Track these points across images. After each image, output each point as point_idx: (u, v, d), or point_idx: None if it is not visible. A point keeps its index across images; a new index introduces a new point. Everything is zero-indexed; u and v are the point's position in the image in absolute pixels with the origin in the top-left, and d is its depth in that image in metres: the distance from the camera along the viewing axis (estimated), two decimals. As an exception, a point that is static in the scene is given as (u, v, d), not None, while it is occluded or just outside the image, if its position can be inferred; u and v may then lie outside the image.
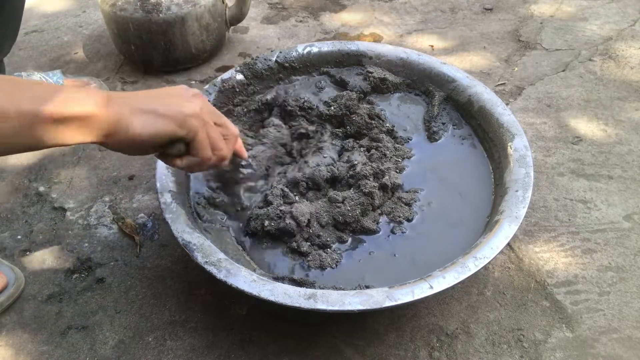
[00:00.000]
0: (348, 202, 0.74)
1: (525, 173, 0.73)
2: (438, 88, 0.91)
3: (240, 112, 0.91)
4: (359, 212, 0.73)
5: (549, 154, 0.96)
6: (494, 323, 0.72)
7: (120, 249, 0.84)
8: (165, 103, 0.52)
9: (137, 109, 0.50)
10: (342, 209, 0.74)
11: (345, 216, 0.73)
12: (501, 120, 0.81)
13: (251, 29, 1.33)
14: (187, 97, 0.55)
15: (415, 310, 0.74)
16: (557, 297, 0.75)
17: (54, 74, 1.06)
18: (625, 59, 1.15)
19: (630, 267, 0.78)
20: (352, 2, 1.41)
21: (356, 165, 0.78)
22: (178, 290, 0.78)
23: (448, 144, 0.86)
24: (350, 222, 0.73)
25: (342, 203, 0.74)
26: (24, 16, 0.97)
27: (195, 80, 1.17)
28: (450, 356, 0.69)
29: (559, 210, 0.86)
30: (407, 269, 0.70)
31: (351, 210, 0.73)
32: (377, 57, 0.95)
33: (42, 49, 1.28)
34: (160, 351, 0.71)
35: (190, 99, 0.55)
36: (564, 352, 0.69)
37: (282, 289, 0.61)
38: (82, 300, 0.77)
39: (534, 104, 1.06)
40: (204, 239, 0.67)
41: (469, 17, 1.32)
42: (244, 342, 0.71)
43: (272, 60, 0.93)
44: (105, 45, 1.28)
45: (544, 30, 1.26)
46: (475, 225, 0.73)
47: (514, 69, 1.15)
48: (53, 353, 0.71)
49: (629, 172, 0.92)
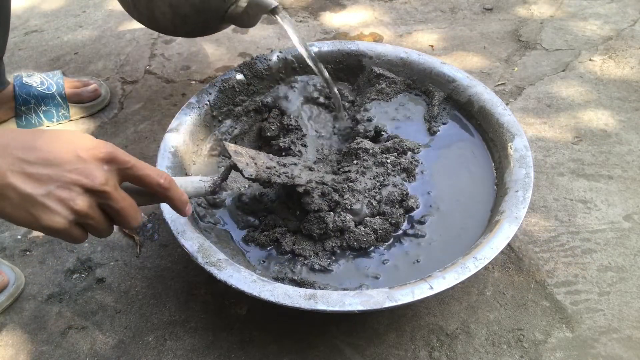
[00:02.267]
0: (364, 228, 0.73)
1: (525, 173, 0.73)
2: (438, 88, 0.91)
3: (241, 112, 0.91)
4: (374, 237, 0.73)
5: (549, 154, 0.96)
6: (494, 323, 0.72)
7: (120, 249, 0.84)
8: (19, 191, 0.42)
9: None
10: (357, 233, 0.73)
11: (360, 242, 0.72)
12: (501, 120, 0.81)
13: (251, 29, 1.33)
14: (61, 179, 0.43)
15: (415, 310, 0.74)
16: (557, 297, 0.75)
17: (54, 74, 1.06)
18: (625, 59, 1.15)
19: (630, 267, 0.78)
20: (352, 2, 1.41)
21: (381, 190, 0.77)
22: (178, 290, 0.78)
23: (448, 144, 0.86)
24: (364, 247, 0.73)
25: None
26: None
27: (195, 80, 1.17)
28: (450, 356, 0.69)
29: (559, 210, 0.86)
30: (410, 271, 0.70)
31: (365, 236, 0.73)
32: (377, 57, 0.95)
33: (42, 49, 1.28)
34: (160, 351, 0.71)
35: (58, 192, 0.43)
36: (564, 352, 0.69)
37: (282, 289, 0.61)
38: (82, 300, 0.77)
39: (534, 104, 1.06)
40: (204, 239, 0.67)
41: (469, 17, 1.32)
42: (244, 342, 0.71)
43: (272, 60, 0.93)
44: (105, 45, 1.28)
45: (544, 30, 1.26)
46: (476, 227, 0.73)
47: (514, 69, 1.15)
48: (53, 353, 0.71)
49: (629, 172, 0.92)
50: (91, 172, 0.44)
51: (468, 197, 0.78)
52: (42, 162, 0.43)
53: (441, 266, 0.65)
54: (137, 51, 1.26)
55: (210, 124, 0.88)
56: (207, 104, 0.87)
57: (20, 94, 1.01)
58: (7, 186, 0.42)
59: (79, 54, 1.26)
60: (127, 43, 1.29)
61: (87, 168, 0.44)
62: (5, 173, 0.42)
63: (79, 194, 0.44)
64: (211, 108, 0.88)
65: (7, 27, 0.92)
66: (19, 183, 0.42)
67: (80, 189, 0.44)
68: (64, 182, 0.43)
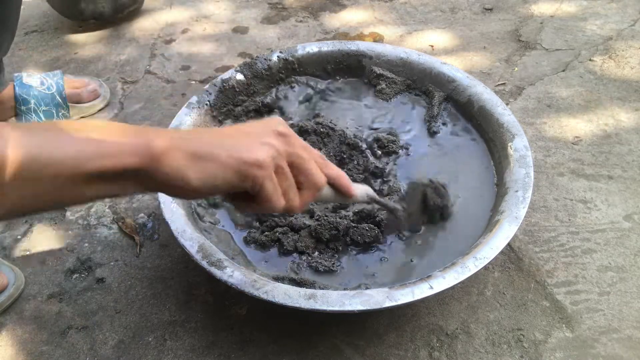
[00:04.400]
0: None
1: (525, 173, 0.73)
2: (438, 88, 0.91)
3: (241, 112, 0.91)
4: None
5: (549, 154, 0.95)
6: (494, 323, 0.72)
7: (120, 249, 0.84)
8: (229, 147, 0.44)
9: (192, 155, 0.42)
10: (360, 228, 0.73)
11: (365, 236, 0.73)
12: (501, 120, 0.81)
13: (251, 29, 1.33)
14: (264, 135, 0.47)
15: (415, 310, 0.74)
16: (557, 297, 0.75)
17: (54, 74, 1.06)
18: (625, 59, 1.15)
19: (630, 267, 0.78)
20: (352, 2, 1.41)
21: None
22: (178, 290, 0.78)
23: (448, 144, 0.86)
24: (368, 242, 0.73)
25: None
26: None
27: (195, 80, 1.17)
28: (450, 356, 0.69)
29: (559, 210, 0.86)
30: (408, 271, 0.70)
31: (370, 231, 0.73)
32: (377, 57, 0.95)
33: (42, 49, 1.28)
34: (160, 351, 0.71)
35: (266, 139, 0.46)
36: (564, 352, 0.69)
37: (282, 289, 0.61)
38: (82, 300, 0.77)
39: (534, 104, 1.06)
40: (204, 239, 0.67)
41: (469, 17, 1.32)
42: (244, 342, 0.71)
43: (272, 60, 0.93)
44: (105, 45, 1.28)
45: (544, 30, 1.26)
46: (476, 227, 0.73)
47: (514, 69, 1.15)
48: (53, 353, 0.71)
49: (629, 172, 0.92)
50: (286, 136, 0.49)
51: (468, 197, 0.78)
52: (246, 129, 0.48)
53: (440, 266, 0.65)
54: (137, 51, 1.26)
55: (210, 124, 0.88)
56: (207, 104, 0.87)
57: (20, 94, 1.01)
58: (211, 142, 0.44)
59: (79, 54, 1.26)
60: (127, 43, 1.29)
61: (281, 135, 0.48)
62: (205, 140, 0.44)
63: (280, 142, 0.48)
64: (211, 108, 0.88)
65: (15, 29, 0.93)
66: (223, 139, 0.45)
67: (279, 140, 0.48)
68: (269, 132, 0.48)
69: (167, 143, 0.41)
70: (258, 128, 0.48)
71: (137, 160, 0.40)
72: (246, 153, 0.44)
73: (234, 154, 0.44)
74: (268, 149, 0.46)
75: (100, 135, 0.39)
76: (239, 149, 0.44)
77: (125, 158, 0.39)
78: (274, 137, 0.47)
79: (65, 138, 0.38)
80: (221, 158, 0.43)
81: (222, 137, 0.46)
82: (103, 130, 0.40)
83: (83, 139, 0.39)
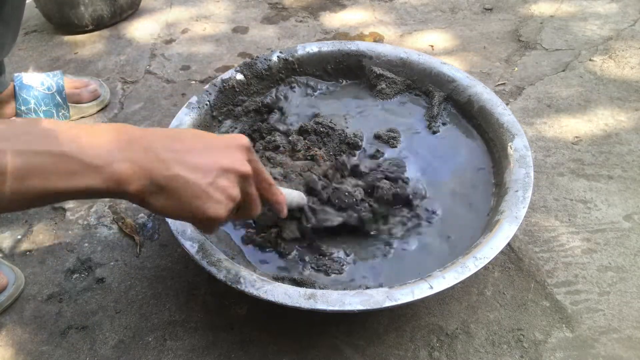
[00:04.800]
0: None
1: (525, 173, 0.73)
2: (438, 88, 0.91)
3: (241, 112, 0.91)
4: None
5: (549, 154, 0.95)
6: (494, 323, 0.72)
7: (120, 249, 0.84)
8: (192, 188, 0.43)
9: (155, 186, 0.41)
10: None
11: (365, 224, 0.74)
12: (501, 120, 0.81)
13: (251, 29, 1.33)
14: (229, 172, 0.45)
15: (415, 310, 0.74)
16: (557, 297, 0.75)
17: (54, 74, 1.06)
18: (625, 59, 1.15)
19: (630, 267, 0.78)
20: (352, 2, 1.41)
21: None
22: (178, 290, 0.78)
23: (448, 144, 0.86)
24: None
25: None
26: (24, 16, 0.97)
27: (195, 80, 1.17)
28: (450, 356, 0.69)
29: (559, 210, 0.86)
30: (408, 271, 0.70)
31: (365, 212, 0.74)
32: (377, 57, 0.95)
33: (42, 49, 1.28)
34: (160, 351, 0.71)
35: (227, 184, 0.45)
36: (564, 352, 0.69)
37: (282, 289, 0.61)
38: (82, 300, 0.77)
39: (534, 104, 1.06)
40: (204, 239, 0.67)
41: (469, 17, 1.32)
42: (244, 342, 0.71)
43: (272, 60, 0.93)
44: (105, 45, 1.28)
45: (544, 30, 1.26)
46: (476, 227, 0.73)
47: (514, 69, 1.15)
48: (53, 353, 0.71)
49: (629, 172, 0.92)
50: (238, 158, 0.46)
51: (468, 197, 0.78)
52: (199, 150, 0.44)
53: (441, 266, 0.65)
54: (137, 51, 1.26)
55: (210, 124, 0.88)
56: (207, 104, 0.87)
57: (20, 94, 1.01)
58: (174, 177, 0.42)
59: (79, 54, 1.26)
60: (127, 43, 1.29)
61: (234, 154, 0.46)
62: (170, 163, 0.41)
63: (234, 181, 0.45)
64: (211, 108, 0.88)
65: (17, 30, 0.93)
66: (186, 173, 0.42)
67: (234, 175, 0.45)
68: (222, 169, 0.44)
69: (130, 169, 0.40)
70: (225, 155, 0.45)
71: (102, 183, 0.39)
72: (207, 210, 0.43)
73: (193, 203, 0.43)
74: (227, 203, 0.45)
75: (71, 149, 0.38)
76: (201, 197, 0.43)
77: (91, 180, 0.39)
78: (237, 176, 0.46)
79: (40, 148, 0.37)
80: (182, 199, 0.42)
81: (190, 161, 0.43)
82: (80, 142, 0.39)
83: (57, 153, 0.38)
